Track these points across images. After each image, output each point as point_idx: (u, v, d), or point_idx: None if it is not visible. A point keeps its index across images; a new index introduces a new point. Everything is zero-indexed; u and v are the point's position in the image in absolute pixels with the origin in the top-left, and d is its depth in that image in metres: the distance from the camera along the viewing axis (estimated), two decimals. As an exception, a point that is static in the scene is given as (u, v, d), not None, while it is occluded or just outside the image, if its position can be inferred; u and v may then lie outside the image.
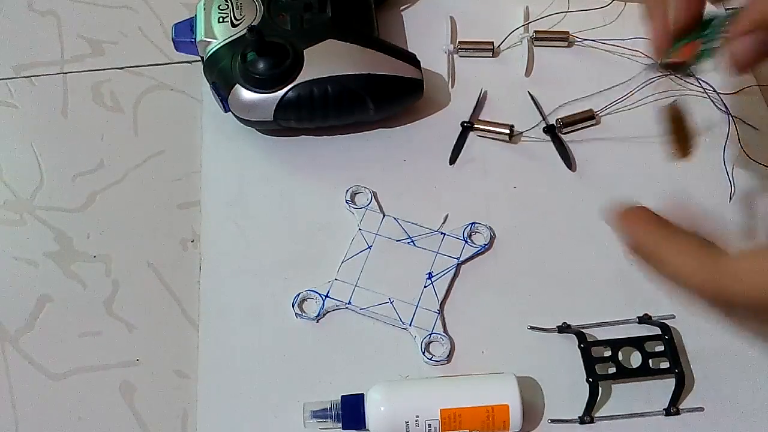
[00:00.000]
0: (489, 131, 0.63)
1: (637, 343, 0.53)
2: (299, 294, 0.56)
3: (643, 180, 0.61)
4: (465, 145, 0.63)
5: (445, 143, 0.64)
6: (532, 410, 0.52)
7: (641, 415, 0.52)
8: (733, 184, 0.60)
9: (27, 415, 0.53)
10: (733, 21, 0.37)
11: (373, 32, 0.64)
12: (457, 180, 0.62)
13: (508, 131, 0.62)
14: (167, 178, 0.63)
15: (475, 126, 0.63)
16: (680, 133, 0.47)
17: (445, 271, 0.57)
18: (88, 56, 0.69)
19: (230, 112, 0.61)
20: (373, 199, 0.60)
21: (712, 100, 0.62)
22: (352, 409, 0.50)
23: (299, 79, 0.59)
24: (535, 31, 0.68)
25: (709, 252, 0.34)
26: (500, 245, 0.59)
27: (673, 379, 0.51)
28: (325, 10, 0.62)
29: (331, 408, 0.51)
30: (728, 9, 0.39)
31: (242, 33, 0.61)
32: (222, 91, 0.60)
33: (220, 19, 0.62)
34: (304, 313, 0.56)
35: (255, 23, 0.61)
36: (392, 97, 0.62)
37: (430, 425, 0.49)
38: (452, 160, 0.63)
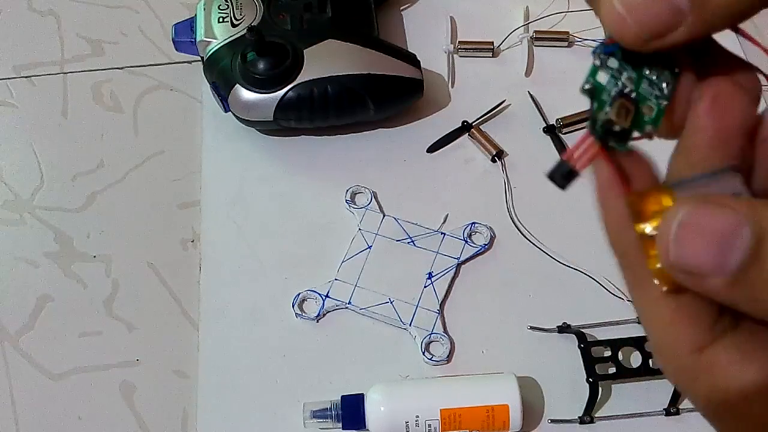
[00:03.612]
0: (481, 145, 0.63)
1: (637, 343, 0.53)
2: (299, 294, 0.56)
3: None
4: (467, 145, 0.64)
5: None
6: (532, 410, 0.52)
7: (641, 415, 0.52)
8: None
9: (27, 415, 0.53)
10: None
11: (373, 32, 0.64)
12: (457, 180, 0.62)
13: (490, 157, 0.62)
14: (167, 178, 0.63)
15: (473, 132, 0.63)
16: None
17: (445, 271, 0.57)
18: (88, 56, 0.69)
19: (230, 112, 0.61)
20: (373, 199, 0.60)
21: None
22: (352, 409, 0.50)
23: (299, 79, 0.59)
24: (535, 31, 0.68)
25: (693, 332, 0.21)
26: (500, 245, 0.59)
27: (673, 379, 0.51)
28: (325, 10, 0.62)
29: (331, 408, 0.51)
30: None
31: (242, 33, 0.61)
32: (222, 91, 0.60)
33: (220, 19, 0.62)
34: (304, 313, 0.56)
35: (255, 23, 0.61)
36: (392, 97, 0.62)
37: (430, 425, 0.49)
38: (431, 149, 0.63)
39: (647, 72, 0.23)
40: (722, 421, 0.21)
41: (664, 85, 0.23)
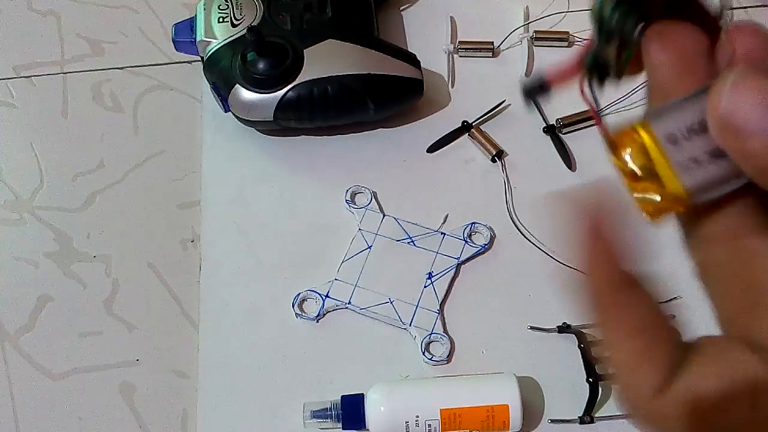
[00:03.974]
0: (481, 145, 0.63)
1: (637, 343, 0.52)
2: (299, 294, 0.56)
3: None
4: (467, 145, 0.64)
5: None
6: (532, 410, 0.52)
7: (641, 415, 0.52)
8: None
9: (27, 415, 0.53)
10: None
11: (373, 32, 0.64)
12: (457, 180, 0.62)
13: (490, 157, 0.62)
14: (167, 178, 0.63)
15: (473, 132, 0.63)
16: None
17: (445, 271, 0.57)
18: (88, 56, 0.69)
19: (230, 112, 0.61)
20: (373, 199, 0.60)
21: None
22: (352, 409, 0.50)
23: (299, 79, 0.59)
24: (535, 31, 0.68)
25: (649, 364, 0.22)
26: (500, 245, 0.59)
27: (673, 379, 0.51)
28: (325, 10, 0.62)
29: (331, 408, 0.51)
30: None
31: (242, 33, 0.61)
32: (222, 91, 0.60)
33: (220, 19, 0.62)
34: (304, 313, 0.56)
35: (255, 23, 0.61)
36: (392, 97, 0.62)
37: (430, 425, 0.49)
38: (431, 149, 0.63)
39: (630, 11, 0.22)
40: None
41: (638, 28, 0.23)
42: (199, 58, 0.64)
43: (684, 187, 0.21)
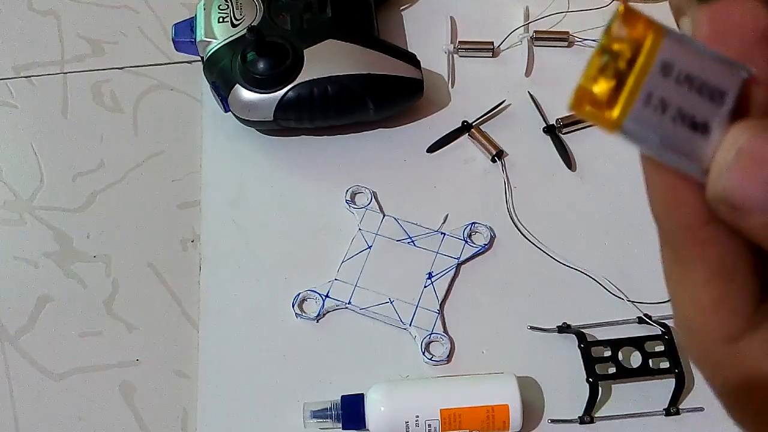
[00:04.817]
0: (481, 145, 0.63)
1: (637, 343, 0.53)
2: (299, 294, 0.56)
3: (643, 180, 0.61)
4: (467, 145, 0.64)
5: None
6: (532, 410, 0.52)
7: (641, 415, 0.52)
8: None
9: (27, 415, 0.53)
10: None
11: (373, 32, 0.64)
12: (457, 180, 0.62)
13: (490, 157, 0.62)
14: (167, 178, 0.63)
15: (473, 132, 0.63)
16: None
17: (445, 271, 0.57)
18: (88, 56, 0.69)
19: (230, 112, 0.61)
20: (373, 199, 0.60)
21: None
22: (352, 409, 0.50)
23: (299, 79, 0.59)
24: (535, 31, 0.68)
25: (727, 315, 0.20)
26: (500, 245, 0.59)
27: (673, 379, 0.51)
28: (325, 10, 0.62)
29: (331, 408, 0.51)
30: None
31: (242, 33, 0.61)
32: (222, 91, 0.60)
33: (220, 19, 0.62)
34: (304, 313, 0.56)
35: (255, 23, 0.61)
36: (392, 97, 0.62)
37: (430, 425, 0.49)
38: (431, 149, 0.63)
39: None
40: (741, 410, 0.21)
41: None
42: (199, 58, 0.64)
43: (628, 115, 0.18)
